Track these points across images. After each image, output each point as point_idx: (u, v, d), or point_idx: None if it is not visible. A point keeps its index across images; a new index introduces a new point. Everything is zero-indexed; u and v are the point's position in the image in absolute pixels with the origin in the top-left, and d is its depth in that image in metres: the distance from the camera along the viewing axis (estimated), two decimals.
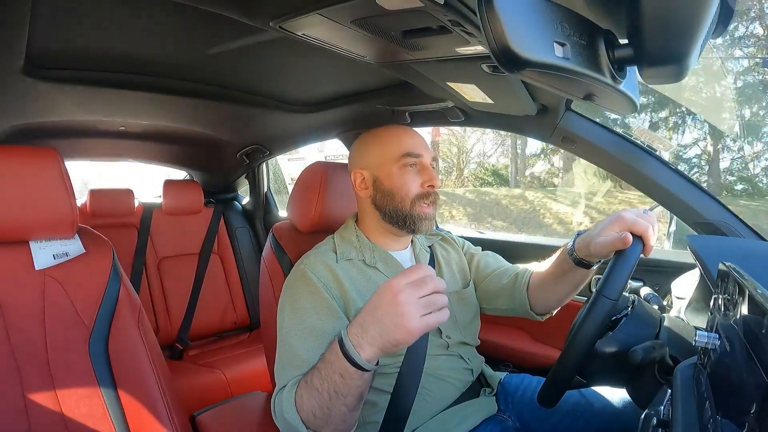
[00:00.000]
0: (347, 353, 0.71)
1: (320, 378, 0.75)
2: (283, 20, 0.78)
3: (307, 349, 0.84)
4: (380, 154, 1.00)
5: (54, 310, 0.90)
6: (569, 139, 1.20)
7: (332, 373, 0.73)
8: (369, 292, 0.93)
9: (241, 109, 1.62)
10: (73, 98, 1.40)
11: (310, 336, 0.85)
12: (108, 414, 0.89)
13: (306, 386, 0.77)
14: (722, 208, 1.10)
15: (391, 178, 0.98)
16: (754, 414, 0.39)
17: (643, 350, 0.74)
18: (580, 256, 0.90)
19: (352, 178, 1.04)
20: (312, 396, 0.75)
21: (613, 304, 0.75)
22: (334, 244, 1.02)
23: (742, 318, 0.51)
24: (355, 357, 0.70)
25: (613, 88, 0.57)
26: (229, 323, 2.25)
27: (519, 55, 0.44)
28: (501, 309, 1.08)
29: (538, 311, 1.04)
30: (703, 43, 0.52)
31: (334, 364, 0.73)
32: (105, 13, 0.93)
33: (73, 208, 0.93)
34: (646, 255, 0.80)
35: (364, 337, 0.70)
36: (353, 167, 1.04)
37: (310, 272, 0.93)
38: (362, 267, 0.98)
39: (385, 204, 0.98)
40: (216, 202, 2.40)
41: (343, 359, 0.72)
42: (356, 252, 1.00)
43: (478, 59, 0.85)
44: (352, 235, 1.03)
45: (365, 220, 1.05)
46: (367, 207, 1.03)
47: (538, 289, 1.02)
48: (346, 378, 0.72)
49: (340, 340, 0.73)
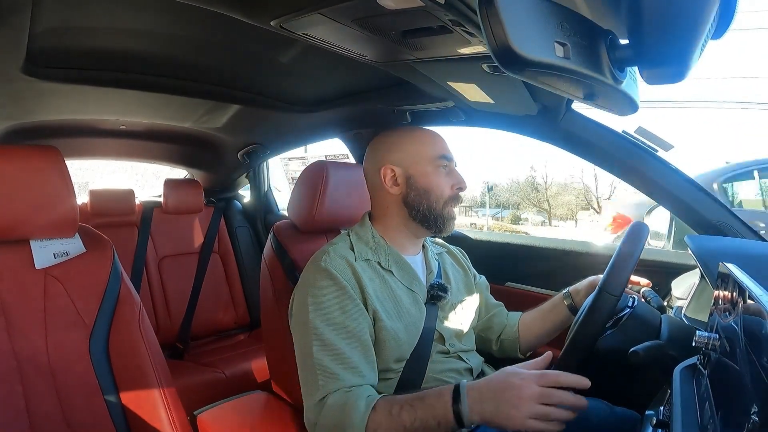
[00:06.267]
0: (459, 410, 0.73)
1: (412, 416, 0.75)
2: (284, 20, 0.78)
3: (352, 352, 0.84)
4: (416, 152, 0.99)
5: (54, 310, 0.90)
6: (570, 139, 1.19)
7: (430, 417, 0.75)
8: (385, 295, 0.94)
9: (242, 109, 1.62)
10: (74, 97, 1.40)
11: (345, 334, 0.85)
12: (108, 413, 0.89)
13: (389, 417, 0.77)
14: (722, 209, 1.09)
15: (427, 177, 0.98)
16: (753, 415, 0.39)
17: (643, 350, 0.74)
18: (574, 299, 1.05)
19: (380, 174, 0.99)
20: (392, 427, 0.76)
21: (616, 301, 0.75)
22: (350, 242, 0.99)
23: (742, 318, 0.51)
24: (465, 417, 0.73)
25: (613, 88, 0.57)
26: (230, 322, 2.25)
27: (519, 55, 0.44)
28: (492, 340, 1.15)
29: (522, 348, 1.12)
30: (703, 44, 0.52)
31: (436, 411, 0.75)
32: (105, 12, 0.93)
33: (73, 207, 0.93)
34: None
35: (477, 405, 0.73)
36: (382, 163, 1.00)
37: (333, 269, 0.91)
38: (378, 269, 0.97)
39: (419, 202, 0.98)
40: (216, 201, 2.40)
41: (450, 411, 0.74)
42: (372, 253, 0.98)
43: (479, 59, 0.85)
44: (368, 234, 1.01)
45: (386, 218, 1.02)
46: (394, 204, 1.00)
47: (526, 325, 1.12)
48: (442, 426, 0.74)
49: (455, 395, 0.74)
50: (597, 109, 0.73)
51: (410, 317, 0.95)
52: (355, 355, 0.85)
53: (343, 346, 0.85)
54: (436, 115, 1.41)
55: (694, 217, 1.11)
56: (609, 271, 0.76)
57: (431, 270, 1.06)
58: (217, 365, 1.82)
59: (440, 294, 1.00)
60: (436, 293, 1.00)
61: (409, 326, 0.94)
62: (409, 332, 0.94)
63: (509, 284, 1.54)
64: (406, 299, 0.97)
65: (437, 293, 1.00)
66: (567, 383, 0.71)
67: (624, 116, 0.74)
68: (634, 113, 0.72)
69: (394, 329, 0.92)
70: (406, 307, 0.96)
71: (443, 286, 1.02)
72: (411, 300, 0.98)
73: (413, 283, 0.99)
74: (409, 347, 0.94)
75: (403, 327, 0.93)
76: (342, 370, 0.83)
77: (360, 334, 0.87)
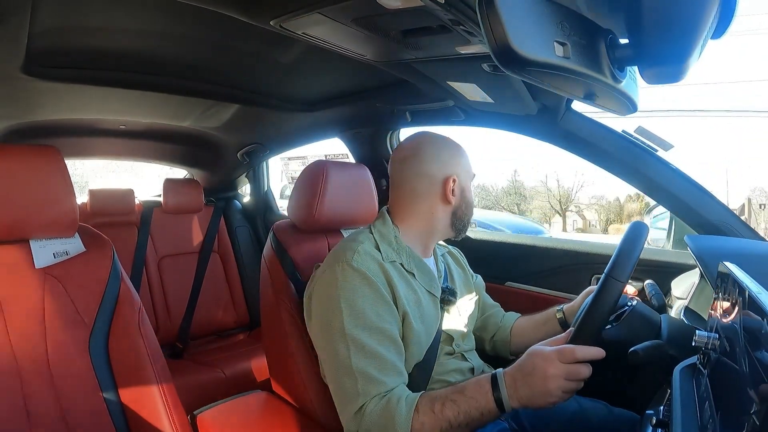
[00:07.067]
0: (500, 398, 0.76)
1: (455, 411, 0.77)
2: (284, 19, 0.78)
3: (390, 354, 0.84)
4: (467, 166, 1.01)
5: (54, 309, 0.90)
6: (570, 138, 1.19)
7: (473, 409, 0.77)
8: (411, 298, 0.93)
9: (241, 108, 1.62)
10: (73, 96, 1.41)
11: (382, 338, 0.84)
12: (108, 412, 0.89)
13: (432, 415, 0.78)
14: (722, 208, 1.10)
15: (471, 192, 1.03)
16: (753, 414, 0.39)
17: (642, 350, 0.74)
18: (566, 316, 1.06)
19: (444, 182, 0.97)
20: (437, 425, 0.77)
21: (622, 287, 0.76)
22: (375, 241, 0.96)
23: (742, 318, 0.51)
24: (506, 403, 0.76)
25: (613, 88, 0.57)
26: (229, 322, 2.25)
27: (519, 55, 0.44)
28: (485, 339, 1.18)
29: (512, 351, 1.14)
30: (703, 43, 0.52)
31: (478, 402, 0.77)
32: (105, 12, 0.93)
33: (73, 206, 0.93)
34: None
35: (515, 391, 0.76)
36: (448, 172, 0.97)
37: (367, 270, 0.88)
38: (402, 271, 0.95)
39: (465, 215, 1.01)
40: (216, 200, 2.40)
41: (491, 401, 0.76)
42: (395, 254, 0.96)
43: (479, 58, 0.85)
44: (390, 234, 0.97)
45: (419, 222, 0.99)
46: (442, 213, 0.99)
47: (518, 331, 1.14)
48: (485, 416, 0.77)
49: (494, 384, 0.77)
50: (596, 109, 0.73)
51: (430, 320, 0.96)
52: (392, 356, 0.85)
53: (381, 350, 0.84)
54: (436, 115, 1.41)
55: (694, 216, 1.11)
56: (614, 259, 0.77)
57: (440, 272, 1.06)
58: (216, 365, 1.82)
59: (450, 298, 1.02)
60: (447, 297, 1.02)
61: (429, 329, 0.95)
62: (428, 335, 0.94)
63: (509, 284, 1.54)
64: (426, 302, 0.97)
65: (448, 297, 1.02)
66: (583, 356, 0.74)
67: (624, 116, 0.74)
68: (633, 113, 0.72)
69: (419, 332, 0.92)
70: (427, 309, 0.96)
71: (453, 290, 1.04)
72: (431, 303, 0.98)
73: (432, 286, 0.99)
74: (425, 349, 0.94)
75: (425, 330, 0.93)
76: (382, 374, 0.82)
77: (394, 335, 0.87)
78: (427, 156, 0.98)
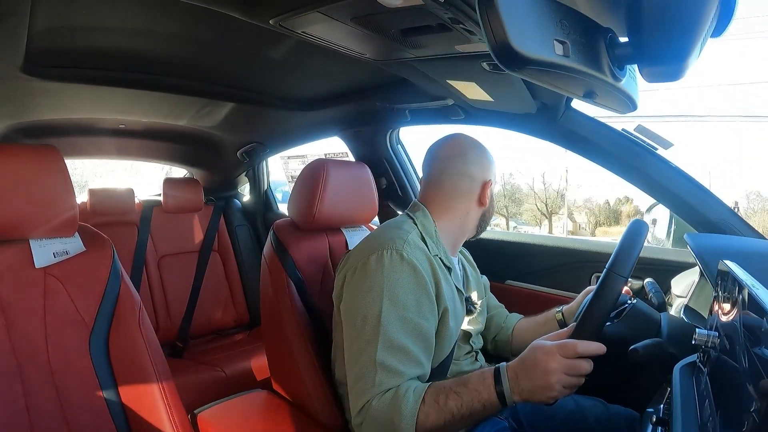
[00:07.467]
0: (502, 391, 0.77)
1: (458, 403, 0.78)
2: (284, 18, 0.78)
3: (418, 350, 0.84)
4: (492, 172, 1.02)
5: (54, 309, 0.90)
6: (569, 137, 1.19)
7: (475, 402, 0.78)
8: (449, 294, 0.93)
9: (241, 107, 1.62)
10: (73, 96, 1.40)
11: (414, 334, 0.84)
12: (108, 412, 0.89)
13: (437, 406, 0.78)
14: (722, 207, 1.10)
15: (493, 198, 1.04)
16: (753, 412, 0.39)
17: (642, 348, 0.74)
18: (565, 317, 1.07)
19: (483, 185, 0.98)
20: (441, 417, 0.78)
21: (623, 281, 0.76)
22: (420, 234, 0.94)
23: (742, 317, 0.51)
24: (507, 397, 0.77)
25: (613, 86, 0.57)
26: (229, 321, 2.25)
27: (519, 53, 0.44)
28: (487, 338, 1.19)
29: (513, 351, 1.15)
30: (702, 42, 0.52)
31: (481, 395, 0.78)
32: (104, 11, 0.93)
33: (73, 206, 0.93)
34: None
35: (516, 384, 0.77)
36: (488, 176, 0.99)
37: (417, 261, 0.86)
38: (443, 266, 0.94)
39: (489, 218, 1.04)
40: (216, 199, 2.40)
41: (493, 394, 0.77)
42: (436, 248, 0.95)
43: (479, 57, 0.85)
44: (431, 228, 0.96)
45: (454, 220, 0.99)
46: (474, 214, 1.00)
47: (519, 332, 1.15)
48: (487, 409, 0.78)
49: (497, 378, 0.78)
50: (596, 107, 0.73)
51: (459, 317, 0.97)
52: (419, 352, 0.84)
53: (410, 345, 0.83)
54: (435, 114, 1.40)
55: (694, 215, 1.11)
56: (616, 254, 0.77)
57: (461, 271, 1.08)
58: (216, 364, 1.82)
59: (471, 297, 1.05)
60: (469, 296, 1.04)
61: (457, 326, 0.96)
62: (457, 332, 0.96)
63: (509, 282, 1.54)
64: (457, 299, 0.98)
65: (469, 296, 1.04)
66: (585, 351, 0.75)
67: (623, 114, 0.74)
68: (633, 111, 0.72)
69: (452, 329, 0.92)
70: (459, 307, 0.97)
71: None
72: (461, 300, 0.99)
73: (461, 283, 1.02)
74: (452, 346, 0.95)
75: (456, 327, 0.95)
76: (403, 367, 0.82)
77: (428, 332, 0.86)
78: (471, 157, 0.98)
